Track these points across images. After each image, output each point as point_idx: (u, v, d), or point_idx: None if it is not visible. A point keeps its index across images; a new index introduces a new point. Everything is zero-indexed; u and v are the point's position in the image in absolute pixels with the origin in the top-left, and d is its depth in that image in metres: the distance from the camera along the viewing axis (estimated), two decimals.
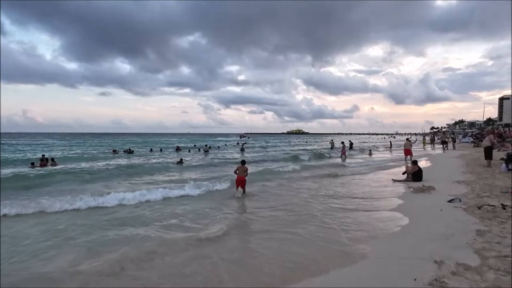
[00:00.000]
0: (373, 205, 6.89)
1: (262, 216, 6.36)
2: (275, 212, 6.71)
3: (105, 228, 5.65)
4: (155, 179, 12.29)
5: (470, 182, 8.74)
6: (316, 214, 6.31)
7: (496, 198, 6.31)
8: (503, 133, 30.70)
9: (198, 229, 5.45)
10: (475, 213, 5.30)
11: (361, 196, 7.97)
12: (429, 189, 7.82)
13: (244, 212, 6.85)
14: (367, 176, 12.05)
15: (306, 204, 7.30)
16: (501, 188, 7.30)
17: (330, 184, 10.36)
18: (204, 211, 6.85)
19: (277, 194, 8.93)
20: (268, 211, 6.78)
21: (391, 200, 7.26)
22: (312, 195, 8.52)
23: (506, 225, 4.50)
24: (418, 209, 6.14)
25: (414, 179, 9.86)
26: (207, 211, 6.85)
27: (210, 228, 5.47)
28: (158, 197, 8.32)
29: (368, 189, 9.17)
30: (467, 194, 7.02)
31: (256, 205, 7.42)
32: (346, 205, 7.06)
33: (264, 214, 6.52)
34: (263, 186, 10.27)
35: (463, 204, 6.07)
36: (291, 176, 12.73)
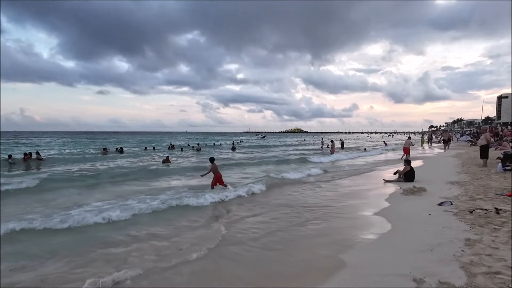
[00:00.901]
0: (355, 209, 6.41)
1: (243, 230, 5.88)
2: (261, 218, 6.24)
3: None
4: (127, 188, 9.81)
5: (464, 183, 8.29)
6: (289, 220, 5.84)
7: (490, 201, 5.86)
8: (501, 132, 30.31)
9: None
10: (466, 218, 4.84)
11: (345, 199, 7.49)
12: (419, 190, 7.36)
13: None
14: (356, 177, 11.56)
15: (279, 209, 6.83)
16: (496, 189, 6.85)
17: (314, 186, 9.86)
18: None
19: (255, 201, 8.45)
20: (249, 220, 6.30)
21: (377, 203, 6.77)
22: (291, 199, 8.05)
23: (499, 232, 4.03)
24: (405, 213, 5.66)
25: (406, 180, 9.40)
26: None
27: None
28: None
29: (355, 191, 8.69)
30: (460, 196, 6.56)
31: (243, 215, 6.94)
32: (325, 209, 6.56)
33: (247, 224, 6.04)
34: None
35: (454, 208, 5.61)
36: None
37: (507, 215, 4.81)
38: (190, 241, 4.70)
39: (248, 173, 13.40)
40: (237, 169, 14.90)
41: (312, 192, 8.60)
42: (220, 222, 5.78)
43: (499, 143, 21.66)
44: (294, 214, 6.19)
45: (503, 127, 50.60)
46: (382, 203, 6.64)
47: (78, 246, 4.53)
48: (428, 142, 36.99)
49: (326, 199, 7.54)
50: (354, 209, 6.40)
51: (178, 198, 7.44)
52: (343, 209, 6.41)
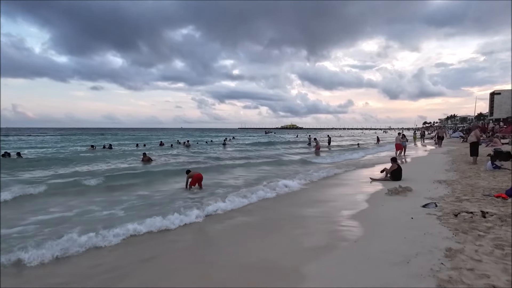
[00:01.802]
0: (329, 213, 6.00)
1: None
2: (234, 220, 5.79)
3: None
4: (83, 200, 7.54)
5: (452, 182, 7.94)
6: (251, 223, 5.42)
7: (476, 203, 5.49)
8: (492, 128, 30.28)
9: None
10: (450, 222, 4.45)
11: (322, 201, 7.09)
12: (405, 190, 6.98)
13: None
14: (341, 176, 11.17)
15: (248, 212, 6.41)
16: (484, 189, 6.50)
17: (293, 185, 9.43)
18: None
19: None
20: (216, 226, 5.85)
21: (356, 204, 6.37)
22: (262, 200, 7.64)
23: (483, 240, 3.65)
24: (384, 216, 5.27)
25: (393, 178, 9.04)
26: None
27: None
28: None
29: (335, 191, 8.30)
30: (446, 197, 6.20)
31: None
32: (298, 211, 6.15)
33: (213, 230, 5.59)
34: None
35: (438, 210, 5.23)
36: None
37: (493, 219, 4.44)
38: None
39: (238, 178, 11.35)
40: (225, 172, 13.05)
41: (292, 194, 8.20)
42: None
43: (490, 139, 21.53)
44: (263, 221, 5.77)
45: (495, 123, 50.83)
46: (361, 205, 6.23)
47: None
48: (420, 138, 36.96)
49: (302, 202, 7.13)
50: (328, 213, 5.97)
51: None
52: (315, 213, 6.00)
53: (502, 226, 4.13)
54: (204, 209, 6.16)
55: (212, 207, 6.28)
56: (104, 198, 7.72)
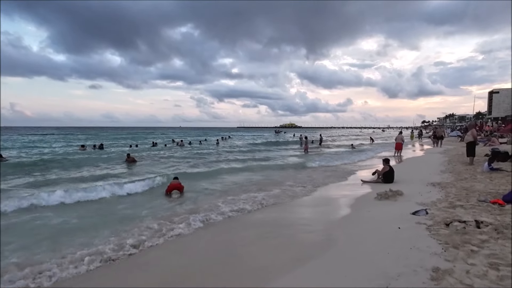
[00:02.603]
0: (308, 217, 5.54)
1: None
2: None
3: None
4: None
5: (446, 184, 7.49)
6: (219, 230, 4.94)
7: (471, 209, 5.03)
8: (490, 126, 29.87)
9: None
10: (440, 234, 3.99)
11: (303, 205, 6.62)
12: (395, 194, 6.52)
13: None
14: (329, 177, 10.71)
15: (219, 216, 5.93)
16: (480, 194, 6.03)
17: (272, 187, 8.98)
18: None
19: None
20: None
21: (339, 210, 5.90)
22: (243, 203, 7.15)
23: (476, 258, 3.18)
24: (368, 226, 4.79)
25: (384, 180, 8.59)
26: None
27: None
28: None
29: (320, 193, 7.83)
30: (439, 202, 5.73)
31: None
32: (271, 221, 5.67)
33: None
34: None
35: (429, 218, 4.77)
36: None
37: (488, 230, 3.97)
38: None
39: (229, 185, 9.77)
40: (211, 177, 11.71)
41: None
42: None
43: (488, 138, 21.11)
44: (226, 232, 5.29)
45: (493, 122, 50.52)
46: (345, 211, 5.76)
47: None
48: (418, 137, 36.56)
49: (283, 209, 6.66)
50: (304, 219, 5.49)
51: None
52: (289, 220, 5.53)
53: (498, 239, 3.66)
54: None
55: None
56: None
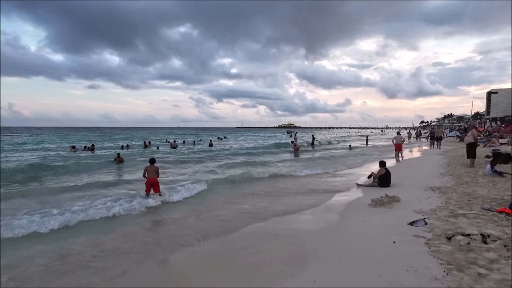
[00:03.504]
0: (292, 227, 5.00)
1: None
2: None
3: None
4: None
5: (447, 189, 6.96)
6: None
7: (475, 219, 4.50)
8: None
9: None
10: (441, 251, 3.44)
11: (285, 212, 6.07)
12: (391, 201, 5.98)
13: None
14: (319, 180, 10.17)
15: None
16: (483, 200, 5.51)
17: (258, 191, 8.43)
18: None
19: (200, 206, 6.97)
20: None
21: (328, 218, 5.36)
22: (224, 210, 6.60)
23: (484, 284, 2.65)
24: (359, 238, 4.23)
25: (380, 184, 8.05)
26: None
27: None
28: None
29: (305, 199, 7.27)
30: (438, 210, 5.20)
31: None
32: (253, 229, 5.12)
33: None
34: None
35: (428, 230, 4.23)
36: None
37: (496, 246, 3.44)
38: None
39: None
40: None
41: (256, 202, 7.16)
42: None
43: (488, 139, 20.65)
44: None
45: (492, 122, 50.18)
46: (334, 219, 5.21)
47: None
48: (416, 138, 36.10)
49: (266, 215, 6.10)
50: (285, 230, 4.94)
51: None
52: (271, 229, 4.98)
53: (509, 258, 3.13)
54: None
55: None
56: None
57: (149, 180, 7.38)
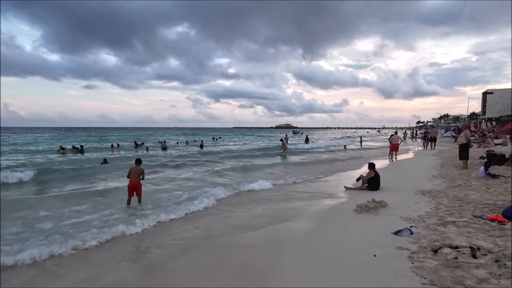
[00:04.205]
0: (267, 236, 4.60)
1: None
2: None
3: None
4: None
5: (438, 193, 6.60)
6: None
7: (465, 228, 4.13)
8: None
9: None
10: (426, 268, 3.06)
11: (261, 215, 5.65)
12: (377, 206, 5.60)
13: None
14: (304, 184, 9.74)
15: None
16: (475, 207, 5.14)
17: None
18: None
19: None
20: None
21: (305, 225, 4.95)
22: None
23: None
24: (337, 250, 3.83)
25: (369, 187, 7.68)
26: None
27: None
28: None
29: (290, 203, 6.87)
30: (427, 217, 4.83)
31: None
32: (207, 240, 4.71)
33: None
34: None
35: (414, 240, 3.85)
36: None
37: (487, 261, 3.07)
38: None
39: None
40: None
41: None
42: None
43: (482, 139, 20.42)
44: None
45: (487, 123, 50.22)
46: (314, 226, 4.81)
47: None
48: (412, 138, 35.93)
49: (242, 222, 5.69)
50: (258, 238, 4.53)
51: None
52: (241, 239, 4.56)
53: (500, 277, 2.76)
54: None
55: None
56: None
57: (131, 183, 6.91)
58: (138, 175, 6.89)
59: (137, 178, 6.87)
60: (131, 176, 6.88)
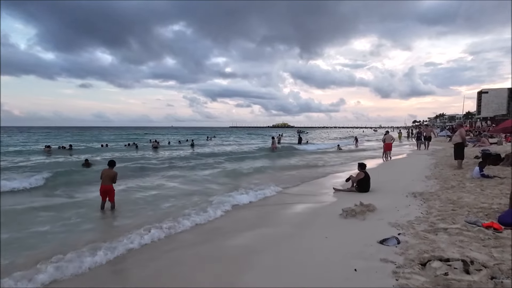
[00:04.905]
0: (243, 243, 4.18)
1: None
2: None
3: None
4: None
5: (430, 195, 6.22)
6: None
7: (457, 236, 3.73)
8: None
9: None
10: (411, 285, 2.66)
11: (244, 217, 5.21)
12: (364, 211, 5.20)
13: None
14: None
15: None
16: (468, 212, 4.75)
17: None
18: None
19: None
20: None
21: (279, 231, 4.53)
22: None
23: None
24: (314, 261, 3.41)
25: (359, 189, 7.29)
26: None
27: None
28: None
29: (267, 209, 6.42)
30: (417, 223, 4.43)
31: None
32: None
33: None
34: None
35: (400, 251, 3.45)
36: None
37: (481, 278, 2.67)
38: None
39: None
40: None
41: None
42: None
43: (478, 138, 20.19)
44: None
45: (482, 122, 50.29)
46: (289, 235, 4.38)
47: None
48: (408, 138, 35.74)
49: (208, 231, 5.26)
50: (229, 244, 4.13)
51: None
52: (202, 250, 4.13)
53: None
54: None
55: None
56: None
57: (102, 187, 6.41)
58: (110, 179, 6.41)
59: (109, 181, 6.39)
60: (103, 180, 6.41)
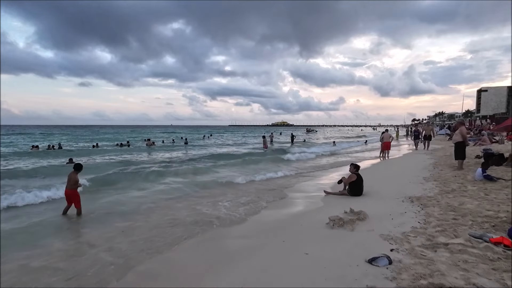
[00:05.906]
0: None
1: None
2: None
3: None
4: None
5: (429, 200, 5.61)
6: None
7: (460, 255, 3.12)
8: (480, 125, 28.56)
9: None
10: None
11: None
12: (353, 220, 4.57)
13: None
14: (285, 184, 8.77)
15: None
16: (472, 222, 4.13)
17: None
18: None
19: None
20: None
21: (247, 243, 3.87)
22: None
23: None
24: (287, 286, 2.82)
25: (351, 192, 6.67)
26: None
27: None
28: None
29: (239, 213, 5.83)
30: (413, 236, 3.82)
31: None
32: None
33: None
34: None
35: (392, 275, 2.84)
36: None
37: None
38: None
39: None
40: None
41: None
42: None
43: (478, 137, 19.58)
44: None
45: (481, 120, 49.74)
46: (266, 248, 3.75)
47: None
48: (406, 136, 35.12)
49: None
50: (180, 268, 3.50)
51: None
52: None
53: None
54: None
55: None
56: None
57: (65, 192, 5.83)
58: (73, 182, 5.79)
59: (71, 186, 5.77)
60: (66, 184, 5.81)
